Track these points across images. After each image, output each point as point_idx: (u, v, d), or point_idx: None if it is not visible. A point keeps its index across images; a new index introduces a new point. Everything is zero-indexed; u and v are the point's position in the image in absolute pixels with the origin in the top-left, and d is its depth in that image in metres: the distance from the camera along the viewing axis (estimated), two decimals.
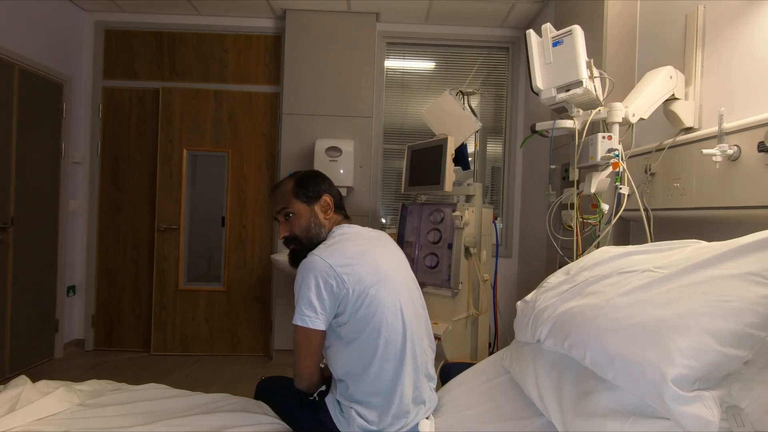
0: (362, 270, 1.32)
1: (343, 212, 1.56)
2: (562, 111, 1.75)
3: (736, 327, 0.76)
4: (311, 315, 1.28)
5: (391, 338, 1.32)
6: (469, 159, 2.78)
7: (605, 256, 1.20)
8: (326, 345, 1.39)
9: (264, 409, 1.51)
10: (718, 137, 1.40)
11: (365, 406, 1.32)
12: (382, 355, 1.31)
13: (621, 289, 0.97)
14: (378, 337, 1.31)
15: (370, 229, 1.56)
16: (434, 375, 1.49)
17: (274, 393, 1.56)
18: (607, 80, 1.78)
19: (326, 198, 1.49)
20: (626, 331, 0.86)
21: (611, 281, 1.04)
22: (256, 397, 1.63)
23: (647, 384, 0.78)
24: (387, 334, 1.31)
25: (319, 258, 1.31)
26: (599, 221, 1.69)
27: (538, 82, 1.67)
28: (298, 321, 1.29)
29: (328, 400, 1.40)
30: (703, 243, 1.05)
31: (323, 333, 1.33)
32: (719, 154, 1.37)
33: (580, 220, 1.75)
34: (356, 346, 1.32)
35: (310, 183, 1.50)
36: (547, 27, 1.64)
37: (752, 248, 0.86)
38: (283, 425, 1.45)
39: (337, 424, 1.34)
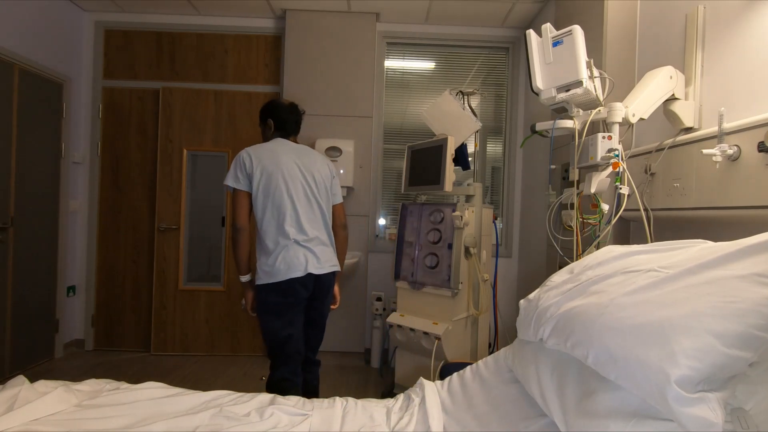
0: (265, 159, 2.04)
1: (287, 132, 2.19)
2: (562, 111, 1.75)
3: (741, 328, 0.76)
4: (234, 181, 2.03)
5: (277, 197, 2.01)
6: (469, 159, 2.78)
7: (609, 255, 1.20)
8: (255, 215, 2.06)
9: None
10: (718, 137, 1.40)
11: (265, 253, 2.01)
12: (273, 203, 2.01)
13: (625, 288, 0.97)
14: (273, 192, 2.01)
15: (301, 145, 2.18)
16: (322, 238, 2.10)
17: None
18: (607, 80, 1.78)
19: (270, 122, 2.17)
20: (630, 330, 0.85)
21: (615, 281, 1.04)
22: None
23: (650, 385, 0.78)
24: (276, 193, 2.01)
25: (244, 150, 2.06)
26: (599, 221, 1.69)
27: (538, 82, 1.67)
28: (227, 182, 2.03)
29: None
30: (709, 243, 1.05)
31: (247, 194, 2.03)
32: (719, 154, 1.37)
33: (580, 220, 1.75)
34: (260, 200, 2.02)
35: (263, 111, 2.19)
36: (547, 27, 1.64)
37: (759, 249, 0.86)
38: (284, 420, 1.44)
39: (258, 282, 2.01)
